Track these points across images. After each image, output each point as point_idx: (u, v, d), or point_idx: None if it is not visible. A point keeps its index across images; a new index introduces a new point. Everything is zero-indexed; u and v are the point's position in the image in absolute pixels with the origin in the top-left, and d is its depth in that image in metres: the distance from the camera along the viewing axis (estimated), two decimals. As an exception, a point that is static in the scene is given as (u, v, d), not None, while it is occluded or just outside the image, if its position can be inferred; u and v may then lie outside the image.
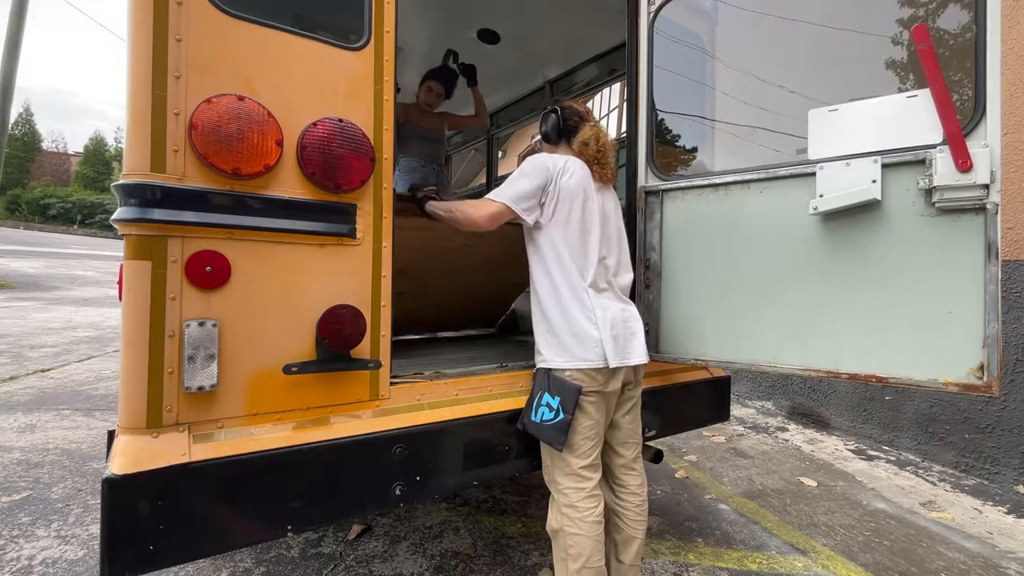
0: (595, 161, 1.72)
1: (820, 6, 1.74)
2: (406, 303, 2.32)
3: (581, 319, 1.56)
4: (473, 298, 2.87)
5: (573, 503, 1.53)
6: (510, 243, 2.20)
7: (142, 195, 1.13)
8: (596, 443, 1.60)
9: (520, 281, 2.56)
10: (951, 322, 1.37)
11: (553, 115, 1.80)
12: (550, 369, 1.58)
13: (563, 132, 1.79)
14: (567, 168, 1.65)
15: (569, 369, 1.55)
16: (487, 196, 1.64)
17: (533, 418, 1.56)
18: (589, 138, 1.73)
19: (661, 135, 2.04)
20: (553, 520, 1.59)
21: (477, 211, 1.62)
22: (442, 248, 2.40)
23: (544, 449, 1.64)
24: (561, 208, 1.61)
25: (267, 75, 1.26)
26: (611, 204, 1.76)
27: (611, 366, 1.54)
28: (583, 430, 1.56)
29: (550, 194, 1.61)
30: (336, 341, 1.33)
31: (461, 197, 5.52)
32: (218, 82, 1.20)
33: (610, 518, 1.74)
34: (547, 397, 1.55)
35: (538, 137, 1.90)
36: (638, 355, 1.62)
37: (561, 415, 1.51)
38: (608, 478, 1.76)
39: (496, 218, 1.61)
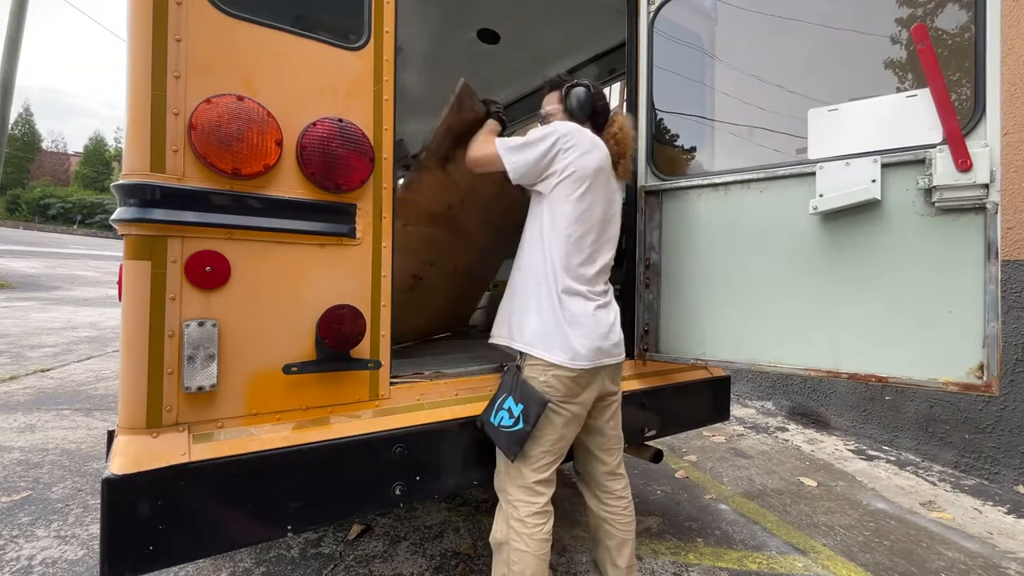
0: (619, 156, 1.62)
1: (820, 6, 1.74)
2: (423, 292, 2.27)
3: (564, 310, 1.46)
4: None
5: (522, 517, 1.46)
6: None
7: (142, 195, 1.13)
8: (556, 459, 1.52)
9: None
10: (951, 322, 1.37)
11: (583, 89, 1.64)
12: (523, 371, 1.49)
13: (591, 114, 1.65)
14: (590, 144, 1.54)
15: (547, 363, 1.44)
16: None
17: (491, 419, 1.47)
18: (617, 131, 1.63)
19: (661, 135, 2.04)
20: (498, 531, 1.51)
21: (471, 149, 1.65)
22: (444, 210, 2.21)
23: (500, 455, 1.54)
24: (571, 183, 1.49)
25: (267, 75, 1.26)
26: (619, 202, 1.68)
27: (585, 367, 1.45)
28: (547, 443, 1.48)
29: (559, 161, 1.49)
30: (336, 341, 1.33)
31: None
32: (218, 82, 1.20)
33: (600, 526, 1.70)
34: (510, 401, 1.45)
35: (552, 109, 1.72)
36: (613, 357, 1.54)
37: (520, 424, 1.41)
38: (593, 487, 1.72)
39: (481, 162, 1.63)
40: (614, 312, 1.60)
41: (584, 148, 1.52)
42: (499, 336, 1.62)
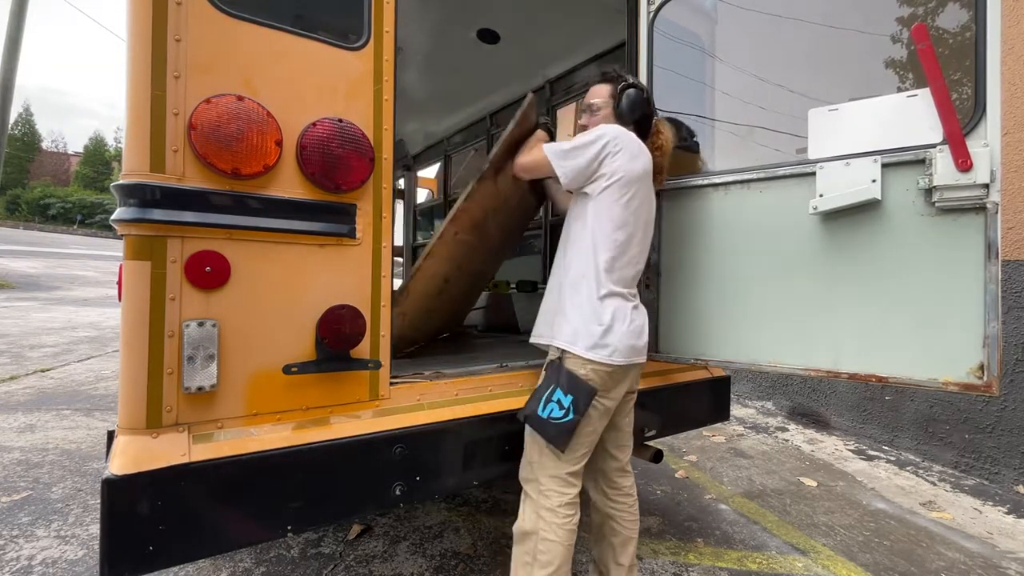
0: (659, 167, 1.67)
1: (820, 5, 1.74)
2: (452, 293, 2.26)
3: (605, 309, 1.49)
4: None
5: (554, 507, 1.47)
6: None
7: (141, 195, 1.12)
8: (588, 452, 1.55)
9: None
10: (951, 322, 1.37)
11: (637, 92, 1.65)
12: (565, 364, 1.49)
13: (639, 120, 1.66)
14: (637, 149, 1.55)
15: (586, 359, 1.46)
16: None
17: (540, 412, 1.47)
18: (663, 143, 1.68)
19: (661, 135, 2.03)
20: (526, 521, 1.50)
21: (520, 156, 1.71)
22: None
23: (533, 446, 1.54)
24: (619, 187, 1.51)
25: (266, 75, 1.26)
26: (654, 211, 1.70)
27: (621, 363, 1.48)
28: (583, 435, 1.50)
29: (607, 165, 1.50)
30: (336, 341, 1.33)
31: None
32: (217, 82, 1.20)
33: (605, 523, 1.72)
34: (559, 393, 1.45)
35: (600, 102, 1.70)
36: (642, 356, 1.59)
37: (571, 415, 1.43)
38: (602, 482, 1.74)
39: (530, 168, 1.70)
40: (643, 314, 1.62)
41: (632, 152, 1.54)
42: (541, 336, 1.64)
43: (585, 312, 1.50)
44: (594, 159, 1.51)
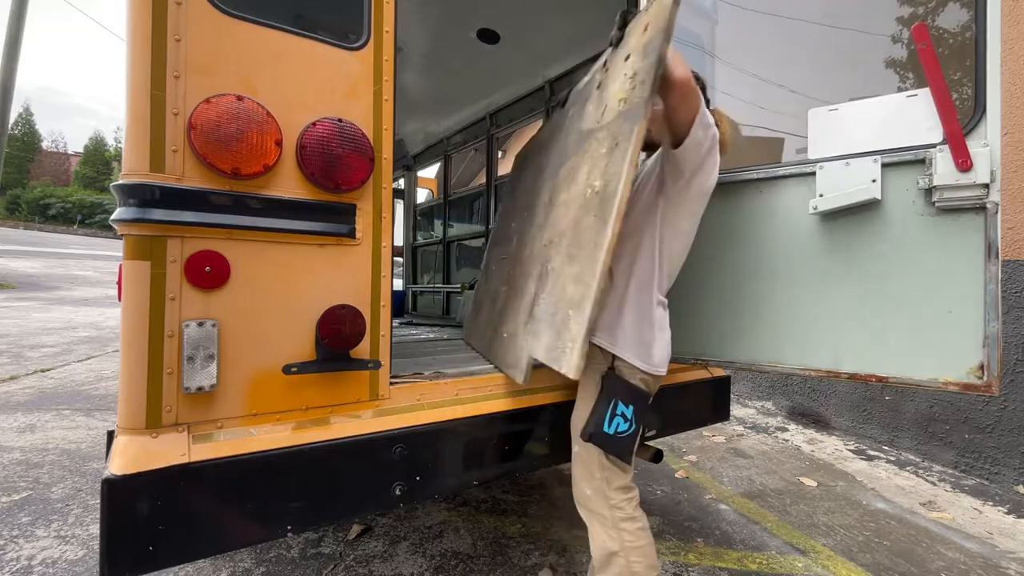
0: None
1: (820, 5, 1.74)
2: None
3: (655, 318, 1.46)
4: None
5: (631, 515, 1.44)
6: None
7: (141, 195, 1.13)
8: None
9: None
10: (951, 321, 1.37)
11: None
12: (622, 374, 1.45)
13: None
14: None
15: (638, 368, 1.43)
16: None
17: (606, 429, 1.40)
18: (721, 135, 1.50)
19: (661, 135, 2.03)
20: (609, 541, 1.43)
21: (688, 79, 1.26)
22: None
23: (592, 463, 1.47)
24: (698, 198, 1.45)
25: (266, 75, 1.26)
26: None
27: (662, 373, 1.47)
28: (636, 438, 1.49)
29: (707, 169, 1.41)
30: (336, 341, 1.33)
31: (463, 197, 5.46)
32: (217, 82, 1.20)
33: None
34: (621, 406, 1.41)
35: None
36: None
37: (634, 425, 1.40)
38: None
39: (690, 98, 1.28)
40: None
41: (717, 164, 1.45)
42: (604, 341, 1.56)
43: (645, 321, 1.47)
44: (710, 151, 1.39)
